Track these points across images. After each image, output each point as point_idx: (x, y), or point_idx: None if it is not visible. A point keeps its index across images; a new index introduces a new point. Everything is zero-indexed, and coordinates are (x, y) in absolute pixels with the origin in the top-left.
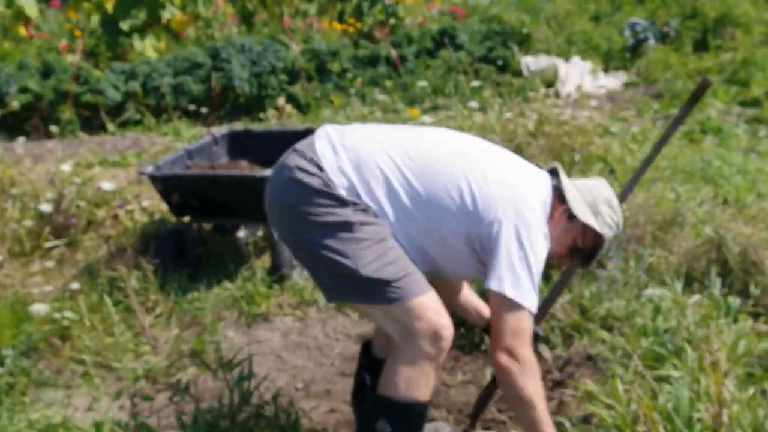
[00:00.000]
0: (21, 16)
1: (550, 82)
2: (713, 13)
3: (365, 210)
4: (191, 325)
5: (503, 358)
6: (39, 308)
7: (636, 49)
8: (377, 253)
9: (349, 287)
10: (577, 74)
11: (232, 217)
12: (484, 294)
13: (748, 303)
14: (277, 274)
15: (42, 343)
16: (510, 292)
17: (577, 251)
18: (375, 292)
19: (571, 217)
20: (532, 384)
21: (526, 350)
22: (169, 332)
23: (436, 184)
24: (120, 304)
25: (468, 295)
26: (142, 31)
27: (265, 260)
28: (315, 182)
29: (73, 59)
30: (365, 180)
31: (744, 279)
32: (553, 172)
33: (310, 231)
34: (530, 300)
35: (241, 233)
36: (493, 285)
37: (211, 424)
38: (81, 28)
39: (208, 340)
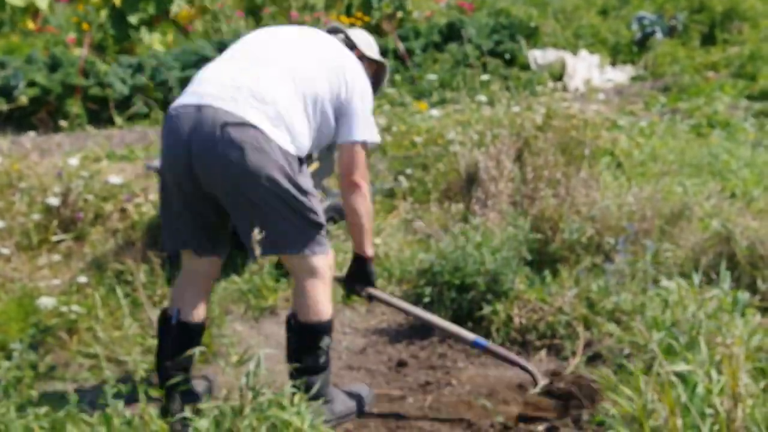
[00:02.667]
0: (31, 8)
1: (558, 75)
2: (720, 7)
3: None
4: None
5: (362, 182)
6: (46, 302)
7: (643, 43)
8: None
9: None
10: (585, 68)
11: None
12: None
13: (756, 298)
14: (284, 268)
15: (49, 337)
16: (368, 138)
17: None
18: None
19: (361, 58)
20: (365, 205)
21: (365, 182)
22: None
23: (318, 87)
24: (128, 297)
25: None
26: (150, 24)
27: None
28: (274, 146)
29: (80, 53)
30: (284, 116)
31: (751, 273)
32: (335, 30)
33: (263, 191)
34: (376, 134)
35: None
36: (356, 137)
37: (219, 417)
38: (89, 22)
39: (215, 333)
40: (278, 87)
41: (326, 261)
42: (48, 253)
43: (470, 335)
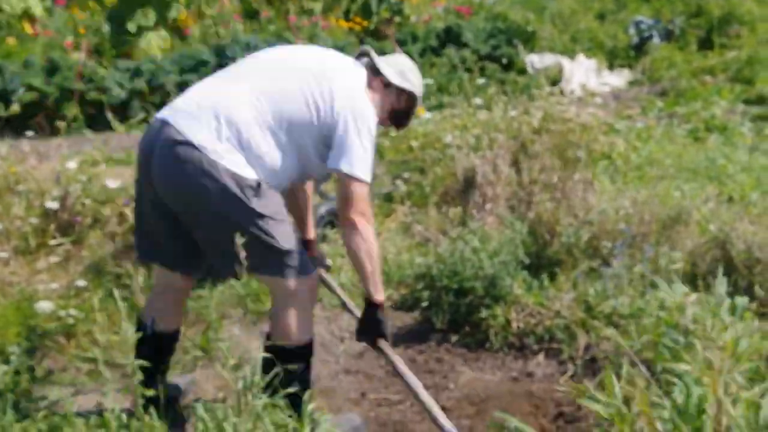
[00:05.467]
0: (28, 13)
1: (555, 80)
2: (718, 11)
3: (266, 191)
4: (196, 323)
5: (359, 220)
6: (44, 305)
7: (641, 47)
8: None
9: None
10: (582, 72)
11: None
12: None
13: (753, 302)
14: None
15: (47, 341)
16: (350, 170)
17: (395, 114)
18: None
19: (387, 85)
20: (367, 244)
21: (371, 212)
22: None
23: (287, 111)
24: (126, 301)
25: (305, 210)
26: (148, 29)
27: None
28: (211, 170)
29: (78, 57)
30: (243, 141)
31: (748, 278)
32: (363, 54)
33: (231, 218)
34: (366, 174)
35: None
36: (337, 165)
37: (217, 420)
38: (86, 26)
39: (213, 337)
40: (242, 106)
41: (301, 284)
42: (46, 257)
43: (449, 428)
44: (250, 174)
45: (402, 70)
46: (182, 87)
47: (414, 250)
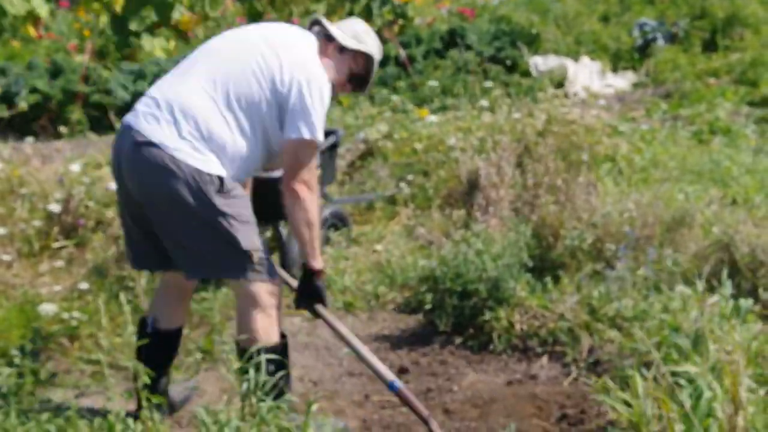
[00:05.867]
0: (32, 15)
1: (559, 82)
2: (722, 13)
3: (230, 188)
4: (200, 325)
5: (302, 188)
6: (48, 308)
7: (645, 50)
8: (254, 235)
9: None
10: (586, 74)
11: None
12: None
13: (757, 305)
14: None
15: (51, 343)
16: (308, 135)
17: (354, 78)
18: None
19: (341, 50)
20: (310, 212)
21: (315, 181)
22: None
23: (242, 90)
24: (129, 303)
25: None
26: (151, 31)
27: (273, 260)
28: (176, 167)
29: (82, 59)
30: (204, 133)
31: (753, 280)
32: (315, 23)
33: (195, 216)
34: (321, 136)
35: None
36: (294, 134)
37: (221, 423)
38: (90, 28)
39: (217, 339)
40: (198, 98)
41: (264, 288)
42: (49, 260)
43: (389, 376)
44: (214, 169)
45: (356, 33)
46: None
47: (417, 253)
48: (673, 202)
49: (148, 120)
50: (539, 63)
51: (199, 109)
